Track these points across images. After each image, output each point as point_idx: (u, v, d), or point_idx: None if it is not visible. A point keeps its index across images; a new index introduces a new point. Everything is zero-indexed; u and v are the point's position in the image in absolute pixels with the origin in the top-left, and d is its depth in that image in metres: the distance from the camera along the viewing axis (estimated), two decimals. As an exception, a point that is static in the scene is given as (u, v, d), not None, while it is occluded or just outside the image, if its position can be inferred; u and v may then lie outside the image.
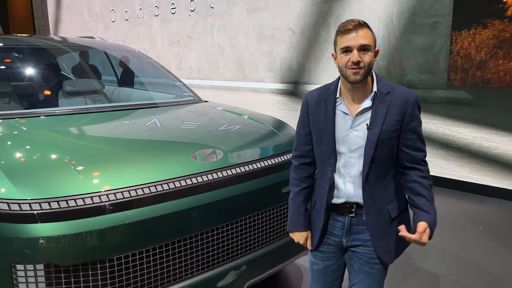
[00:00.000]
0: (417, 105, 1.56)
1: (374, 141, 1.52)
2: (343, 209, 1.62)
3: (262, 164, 2.24)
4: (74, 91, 3.36)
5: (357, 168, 1.57)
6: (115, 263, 1.67)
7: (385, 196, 1.59)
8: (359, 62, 1.47)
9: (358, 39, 1.47)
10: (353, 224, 1.62)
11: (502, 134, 4.42)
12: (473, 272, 3.01)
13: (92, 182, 1.70)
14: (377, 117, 1.52)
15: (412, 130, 1.55)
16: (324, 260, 1.73)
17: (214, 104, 3.20)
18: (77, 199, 1.62)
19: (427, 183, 1.58)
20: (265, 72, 6.82)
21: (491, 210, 4.21)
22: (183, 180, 1.88)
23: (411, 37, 4.91)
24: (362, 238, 1.62)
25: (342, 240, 1.66)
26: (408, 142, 1.56)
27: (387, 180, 1.59)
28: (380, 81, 1.58)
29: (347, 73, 1.51)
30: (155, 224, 1.75)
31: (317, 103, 1.63)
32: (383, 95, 1.54)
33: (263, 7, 6.60)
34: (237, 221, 2.09)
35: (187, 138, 2.36)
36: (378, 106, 1.53)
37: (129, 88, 4.01)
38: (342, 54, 1.50)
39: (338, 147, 1.59)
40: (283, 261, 2.46)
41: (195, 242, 1.92)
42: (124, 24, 9.70)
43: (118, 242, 1.67)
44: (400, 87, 1.59)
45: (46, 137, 2.18)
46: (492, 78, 4.42)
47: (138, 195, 1.74)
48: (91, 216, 1.61)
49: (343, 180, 1.60)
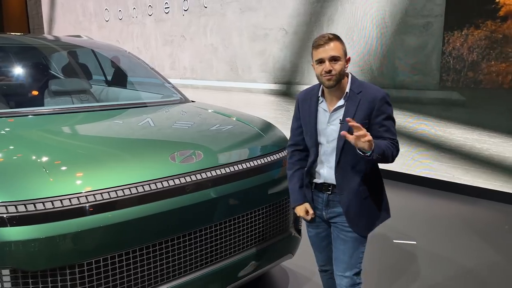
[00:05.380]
0: (385, 102, 1.82)
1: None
2: (322, 188, 1.95)
3: (244, 166, 2.19)
4: (60, 90, 3.30)
5: (333, 156, 1.88)
6: (85, 268, 1.62)
7: (356, 180, 1.87)
8: (331, 70, 1.77)
9: (329, 52, 1.77)
10: (330, 200, 1.94)
11: (494, 136, 4.39)
12: (461, 275, 2.97)
13: (62, 185, 1.64)
14: (348, 113, 1.81)
15: (379, 124, 1.82)
16: (314, 228, 2.06)
17: (200, 105, 3.14)
18: (46, 202, 1.56)
19: (393, 146, 1.81)
20: (258, 72, 6.77)
21: (482, 212, 4.17)
22: (159, 182, 1.83)
23: (404, 38, 4.87)
24: (338, 211, 1.93)
25: (322, 213, 1.98)
26: (378, 133, 1.81)
27: (359, 167, 1.86)
28: (354, 82, 1.87)
29: (323, 80, 1.83)
30: (125, 228, 1.70)
31: (304, 101, 1.97)
32: (354, 94, 1.83)
33: (256, 6, 6.55)
34: (216, 224, 2.04)
35: (168, 139, 2.30)
36: (350, 104, 1.83)
37: (117, 88, 3.95)
38: (317, 65, 1.82)
39: (319, 138, 1.92)
40: (266, 265, 2.41)
41: (171, 246, 1.87)
42: (117, 23, 9.64)
43: (87, 247, 1.62)
44: (371, 86, 1.88)
45: (19, 137, 2.13)
46: (484, 79, 4.38)
47: (109, 198, 1.68)
48: (60, 220, 1.56)
49: (322, 165, 1.94)
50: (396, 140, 1.84)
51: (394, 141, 1.83)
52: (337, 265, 1.97)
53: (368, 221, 1.94)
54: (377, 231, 3.87)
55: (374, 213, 1.94)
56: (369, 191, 1.91)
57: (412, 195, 4.71)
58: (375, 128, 1.81)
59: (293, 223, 2.59)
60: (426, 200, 4.54)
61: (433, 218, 4.04)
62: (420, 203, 4.46)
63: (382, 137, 1.81)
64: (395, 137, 1.84)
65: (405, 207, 4.33)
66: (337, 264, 1.97)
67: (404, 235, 3.59)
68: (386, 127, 1.82)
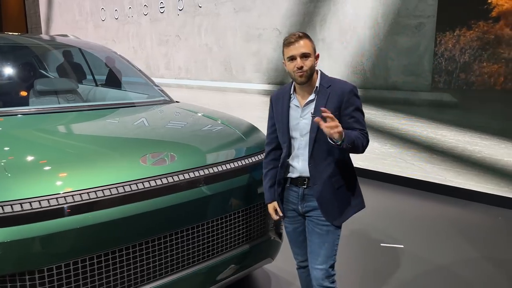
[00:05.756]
0: (353, 94, 1.91)
1: (316, 126, 1.83)
2: (298, 182, 2.00)
3: (220, 168, 2.15)
4: (45, 90, 3.27)
5: (307, 149, 1.94)
6: (45, 274, 1.58)
7: (329, 171, 1.93)
8: (302, 67, 1.85)
9: (300, 49, 1.85)
10: (305, 194, 1.99)
11: (485, 138, 4.33)
12: (446, 280, 2.91)
13: (22, 188, 1.60)
14: (319, 106, 1.86)
15: (349, 115, 1.90)
16: (291, 223, 2.12)
17: (183, 105, 3.10)
18: (5, 206, 1.52)
19: (363, 137, 1.87)
20: (252, 73, 6.72)
21: (473, 215, 4.12)
22: (127, 186, 1.78)
23: (396, 38, 4.82)
24: (313, 205, 1.98)
25: (298, 207, 2.03)
26: (348, 124, 1.87)
27: (332, 158, 1.93)
28: (323, 77, 1.95)
29: (295, 76, 1.89)
30: (88, 233, 1.65)
31: (277, 99, 2.05)
32: (324, 88, 1.92)
33: (250, 6, 6.51)
34: (189, 228, 2.00)
35: (143, 141, 2.25)
36: (320, 97, 1.91)
37: (103, 88, 3.91)
38: (288, 62, 1.89)
39: (292, 133, 1.98)
40: (244, 269, 2.37)
41: (140, 251, 1.83)
42: (114, 23, 9.61)
43: (47, 253, 1.57)
44: (340, 81, 1.96)
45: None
46: (476, 81, 4.33)
47: (73, 201, 1.64)
48: (16, 225, 1.51)
49: (297, 159, 1.99)
50: (365, 131, 1.91)
51: (363, 131, 1.90)
52: (312, 258, 2.02)
53: (341, 210, 1.98)
54: (364, 233, 3.86)
55: (347, 203, 2.00)
56: (341, 181, 1.97)
57: (404, 197, 4.66)
58: (345, 119, 1.88)
59: (274, 227, 2.54)
60: (417, 203, 4.49)
61: (423, 221, 3.99)
62: (411, 206, 4.41)
63: (353, 128, 1.88)
64: (364, 128, 1.92)
65: (395, 210, 4.29)
66: (312, 257, 2.02)
67: (392, 238, 3.54)
68: (355, 118, 1.90)
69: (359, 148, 1.85)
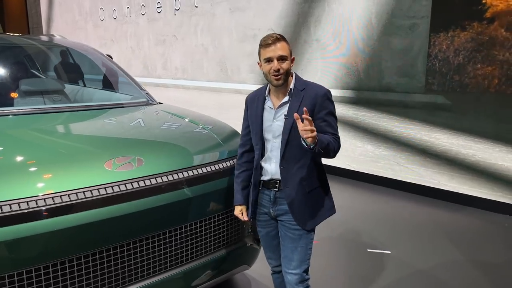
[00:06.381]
0: (326, 98, 1.90)
1: (289, 128, 1.87)
2: (269, 185, 1.98)
3: (191, 173, 2.09)
4: (30, 90, 3.24)
5: (279, 151, 1.91)
6: (15, 278, 1.54)
7: (301, 174, 1.91)
8: (279, 69, 1.84)
9: (277, 51, 1.84)
10: (277, 197, 1.97)
11: (479, 141, 4.24)
12: (431, 285, 2.84)
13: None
14: (292, 109, 1.87)
15: (321, 118, 1.88)
16: (264, 227, 2.09)
17: (165, 107, 3.04)
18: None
19: (335, 141, 1.86)
20: (247, 73, 6.66)
21: (465, 220, 4.03)
22: (89, 191, 1.73)
23: (390, 39, 4.74)
24: (285, 208, 1.95)
25: (270, 211, 2.00)
26: (320, 128, 1.85)
27: (304, 161, 1.91)
28: (298, 80, 1.95)
29: (271, 79, 1.88)
30: (51, 239, 1.60)
31: (252, 101, 2.04)
32: (298, 91, 1.91)
33: (245, 6, 6.45)
34: (159, 234, 1.95)
35: (111, 144, 2.19)
36: (294, 100, 1.90)
37: (90, 89, 3.87)
38: (265, 64, 1.88)
39: (265, 135, 1.96)
40: (218, 275, 2.31)
41: (107, 257, 1.78)
42: (112, 22, 9.59)
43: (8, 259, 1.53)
44: (315, 84, 1.95)
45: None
46: (470, 83, 4.23)
47: (36, 206, 1.60)
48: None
49: (269, 161, 1.97)
50: (337, 136, 1.90)
51: (336, 136, 1.89)
52: (286, 262, 2.00)
53: (313, 214, 1.96)
54: (352, 238, 3.78)
55: (318, 207, 1.97)
56: (313, 184, 1.95)
57: (396, 201, 4.58)
58: (317, 123, 1.85)
59: (252, 233, 2.48)
60: (409, 207, 4.40)
61: (413, 226, 3.91)
62: (403, 210, 4.32)
63: (325, 132, 1.86)
64: (336, 132, 1.91)
65: (386, 214, 4.20)
66: (286, 262, 2.00)
67: (379, 243, 3.46)
68: (328, 122, 1.89)
69: (330, 153, 1.84)
